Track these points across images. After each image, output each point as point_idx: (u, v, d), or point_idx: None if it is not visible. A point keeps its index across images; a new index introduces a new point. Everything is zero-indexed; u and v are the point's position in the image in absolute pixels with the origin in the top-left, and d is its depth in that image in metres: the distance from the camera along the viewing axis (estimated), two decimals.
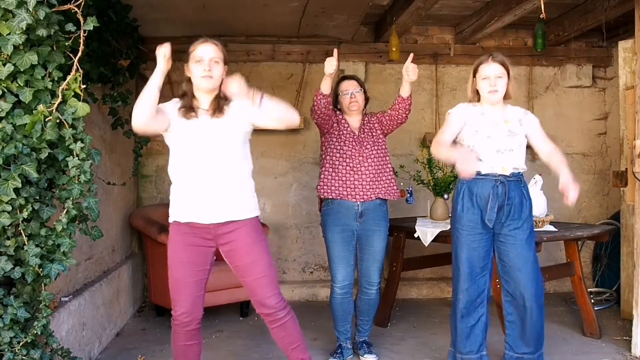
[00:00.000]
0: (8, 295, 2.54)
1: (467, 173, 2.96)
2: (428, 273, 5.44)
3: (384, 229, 3.59)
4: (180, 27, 4.79)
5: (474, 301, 3.20)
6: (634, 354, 3.67)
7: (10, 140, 2.46)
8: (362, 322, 3.72)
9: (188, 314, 2.74)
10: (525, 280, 3.13)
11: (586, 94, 5.63)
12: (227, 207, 2.72)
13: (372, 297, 3.63)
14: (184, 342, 2.79)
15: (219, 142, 2.73)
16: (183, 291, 2.75)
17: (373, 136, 3.58)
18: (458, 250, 3.21)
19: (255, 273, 2.77)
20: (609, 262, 5.13)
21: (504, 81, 3.09)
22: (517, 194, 3.13)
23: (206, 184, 2.71)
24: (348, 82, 3.62)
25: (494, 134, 3.12)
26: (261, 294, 2.79)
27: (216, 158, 2.72)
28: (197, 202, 2.72)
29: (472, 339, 3.23)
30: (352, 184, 3.50)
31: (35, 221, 2.56)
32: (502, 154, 3.11)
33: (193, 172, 2.73)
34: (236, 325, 4.46)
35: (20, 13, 2.39)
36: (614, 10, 4.24)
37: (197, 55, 2.78)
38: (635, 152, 3.64)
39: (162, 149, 5.28)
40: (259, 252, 2.77)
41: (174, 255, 2.76)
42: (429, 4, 4.16)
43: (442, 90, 5.51)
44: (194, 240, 2.74)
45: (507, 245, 3.14)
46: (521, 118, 3.19)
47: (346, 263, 3.52)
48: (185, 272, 2.74)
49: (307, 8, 4.26)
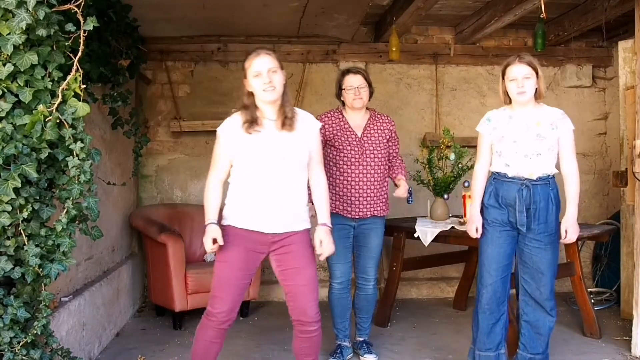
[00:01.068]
0: (8, 295, 2.54)
1: (471, 234, 3.20)
2: (428, 273, 5.44)
3: (381, 227, 3.61)
4: (180, 27, 4.80)
5: (498, 298, 3.20)
6: (634, 354, 3.67)
7: (10, 140, 2.45)
8: (362, 320, 3.72)
9: (227, 314, 2.78)
10: (546, 283, 3.16)
11: (586, 94, 5.63)
12: (288, 218, 2.76)
13: (370, 293, 3.64)
14: (211, 339, 2.81)
15: (287, 155, 2.75)
16: (228, 291, 2.77)
17: (378, 138, 3.55)
18: (484, 246, 3.22)
19: (302, 280, 2.81)
20: (609, 262, 5.13)
21: (532, 82, 3.07)
22: (543, 198, 3.10)
23: (270, 195, 2.72)
24: (353, 77, 3.54)
25: (520, 139, 3.10)
26: (303, 301, 2.82)
27: (283, 170, 2.74)
28: (259, 211, 2.73)
29: (492, 336, 3.23)
30: (349, 200, 3.49)
31: (35, 221, 2.56)
32: (529, 159, 3.09)
33: (258, 181, 2.73)
34: (236, 325, 4.42)
35: (20, 13, 2.39)
36: (614, 10, 4.24)
37: (254, 70, 2.75)
38: (635, 152, 3.64)
39: (162, 149, 5.31)
40: (309, 261, 2.83)
41: (226, 254, 2.76)
42: (429, 4, 4.16)
43: (442, 90, 5.51)
44: (248, 245, 2.76)
45: (532, 248, 3.14)
46: (555, 121, 3.13)
47: (344, 260, 3.55)
48: (236, 274, 2.76)
49: (307, 8, 4.26)
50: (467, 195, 4.33)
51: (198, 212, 4.94)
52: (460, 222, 4.20)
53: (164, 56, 5.19)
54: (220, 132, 2.81)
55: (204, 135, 5.20)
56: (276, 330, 4.22)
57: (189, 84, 5.30)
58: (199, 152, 5.29)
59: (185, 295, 4.26)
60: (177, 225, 4.76)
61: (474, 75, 5.53)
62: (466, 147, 4.55)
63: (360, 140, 3.52)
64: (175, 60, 5.29)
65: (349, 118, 3.57)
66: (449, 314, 4.81)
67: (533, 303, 3.22)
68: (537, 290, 3.18)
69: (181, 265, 4.25)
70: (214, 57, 5.25)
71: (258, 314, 4.73)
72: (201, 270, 4.30)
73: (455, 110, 5.56)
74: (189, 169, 5.32)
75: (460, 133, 5.31)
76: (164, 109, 5.29)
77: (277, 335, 4.09)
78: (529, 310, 3.25)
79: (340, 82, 3.57)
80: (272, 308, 4.91)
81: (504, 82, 3.15)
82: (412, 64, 5.46)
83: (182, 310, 4.27)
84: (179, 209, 4.99)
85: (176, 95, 5.28)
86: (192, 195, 5.30)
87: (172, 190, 5.32)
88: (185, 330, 4.25)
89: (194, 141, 5.30)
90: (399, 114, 5.31)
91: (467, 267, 4.87)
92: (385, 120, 3.64)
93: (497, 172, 3.19)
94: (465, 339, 4.06)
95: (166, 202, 5.26)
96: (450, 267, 5.37)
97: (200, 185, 5.32)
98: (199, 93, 5.30)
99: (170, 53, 5.20)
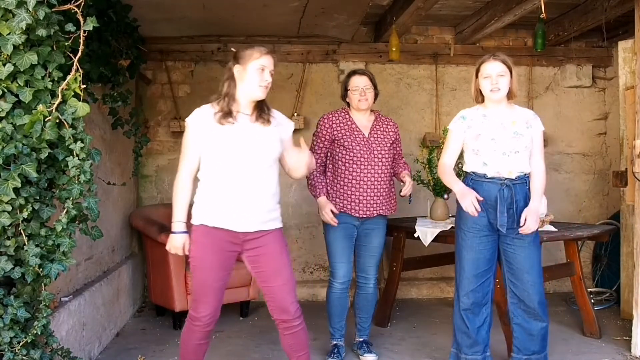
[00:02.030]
0: (8, 295, 2.54)
1: (469, 210, 3.01)
2: (428, 273, 5.44)
3: (383, 227, 3.63)
4: (180, 27, 4.80)
5: (480, 302, 3.19)
6: (634, 354, 3.67)
7: (10, 140, 2.45)
8: (361, 320, 3.72)
9: (211, 316, 2.77)
10: (532, 282, 3.13)
11: (586, 94, 5.63)
12: (259, 216, 2.73)
13: (370, 292, 3.64)
14: (198, 341, 2.81)
15: (259, 150, 2.72)
16: (210, 294, 2.76)
17: (384, 139, 3.56)
18: (463, 252, 3.19)
19: (280, 280, 2.79)
20: (609, 262, 5.14)
21: (506, 80, 3.07)
22: (522, 197, 3.11)
23: (241, 191, 2.69)
24: (359, 78, 3.55)
25: (498, 136, 3.09)
26: (283, 300, 2.81)
27: (254, 165, 2.70)
28: (230, 208, 2.70)
29: (478, 338, 3.21)
30: (357, 199, 3.50)
31: (35, 221, 2.56)
32: (507, 157, 3.08)
33: (229, 177, 2.69)
34: (236, 325, 4.46)
35: (20, 13, 2.39)
36: (614, 10, 4.24)
37: (260, 64, 2.71)
38: (635, 152, 3.64)
39: (162, 149, 5.31)
40: (284, 260, 2.81)
41: (202, 258, 2.74)
42: (429, 4, 4.16)
43: (442, 90, 5.51)
44: (222, 245, 2.74)
45: (515, 247, 3.12)
46: (529, 120, 3.15)
47: (347, 259, 3.55)
48: (215, 275, 2.75)
49: (307, 8, 4.26)
50: None
51: None
52: None
53: (164, 56, 5.19)
54: (190, 122, 2.76)
55: None
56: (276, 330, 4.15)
57: (189, 84, 5.31)
58: None
59: (185, 295, 4.26)
60: None
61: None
62: None
63: (368, 140, 3.53)
64: (175, 60, 5.29)
65: (355, 119, 3.58)
66: (449, 314, 4.78)
67: (523, 306, 3.18)
68: (525, 291, 3.14)
69: (181, 265, 4.25)
70: (214, 57, 5.25)
71: (258, 314, 4.73)
72: None
73: (455, 110, 5.49)
74: None
75: None
76: (164, 109, 5.29)
77: (277, 335, 4.01)
78: (518, 313, 3.21)
79: (346, 83, 3.58)
80: None
81: (477, 80, 3.16)
82: (412, 64, 5.45)
83: (182, 310, 4.27)
84: None
85: (176, 95, 5.28)
86: (192, 195, 5.29)
87: (172, 190, 5.29)
88: None
89: None
90: (399, 114, 5.31)
91: None
92: (390, 122, 3.68)
93: (474, 172, 3.15)
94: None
95: (166, 202, 5.25)
96: (450, 267, 5.32)
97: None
98: (199, 93, 5.29)
99: (170, 53, 5.20)
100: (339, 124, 3.54)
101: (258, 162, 2.71)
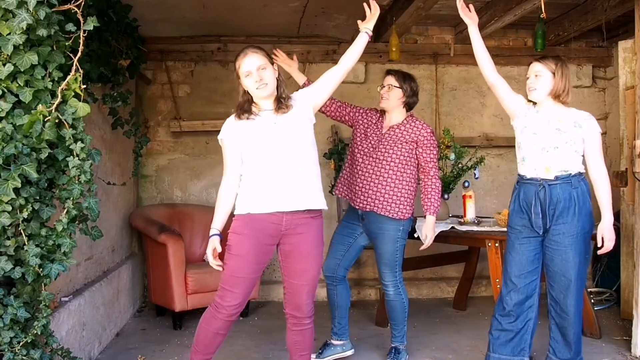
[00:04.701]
0: (8, 295, 2.54)
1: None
2: (428, 273, 5.44)
3: (389, 232, 3.52)
4: (180, 27, 4.80)
5: (522, 304, 3.18)
6: (634, 354, 3.67)
7: (10, 140, 2.45)
8: (391, 327, 3.72)
9: (237, 307, 2.79)
10: (569, 286, 3.09)
11: (586, 94, 5.63)
12: (303, 192, 2.77)
13: (390, 299, 3.63)
14: (217, 330, 2.81)
15: (289, 134, 2.77)
16: (241, 285, 2.78)
17: (400, 138, 3.48)
18: (507, 252, 3.24)
19: (303, 280, 2.85)
20: (609, 262, 5.13)
21: (543, 80, 3.10)
22: (563, 198, 3.05)
23: (283, 176, 2.74)
24: (386, 77, 3.59)
25: (540, 131, 3.10)
26: (300, 298, 2.86)
27: (289, 149, 2.76)
28: (275, 191, 2.74)
29: (517, 341, 3.20)
30: (355, 188, 3.53)
31: (35, 221, 2.56)
32: (546, 152, 3.07)
33: (266, 165, 2.76)
34: (236, 325, 4.44)
35: (21, 13, 2.39)
36: (614, 10, 4.24)
37: (244, 70, 2.78)
38: (635, 152, 3.64)
39: (162, 149, 5.31)
40: (313, 262, 2.86)
41: (241, 249, 2.76)
42: (429, 4, 4.16)
43: (442, 90, 5.51)
44: (261, 238, 2.76)
45: (552, 250, 3.11)
46: (579, 120, 3.07)
47: (334, 255, 3.62)
48: (247, 267, 2.77)
49: (307, 8, 4.27)
50: (467, 196, 4.34)
51: (198, 212, 4.95)
52: (460, 222, 4.20)
53: (164, 56, 5.19)
54: (222, 136, 2.85)
55: (204, 135, 5.20)
56: (276, 330, 4.21)
57: (189, 84, 5.31)
58: (199, 152, 5.29)
59: (185, 295, 4.26)
60: (177, 225, 4.76)
61: (474, 76, 5.52)
62: (466, 147, 4.54)
63: (381, 135, 3.52)
64: (175, 60, 5.29)
65: (385, 117, 3.60)
66: (449, 314, 4.81)
67: (559, 308, 3.16)
68: (561, 294, 3.12)
69: (181, 265, 4.25)
70: (214, 57, 5.25)
71: (258, 314, 4.73)
72: (201, 270, 4.30)
73: (455, 110, 5.56)
74: (189, 169, 5.32)
75: (460, 133, 5.32)
76: (164, 109, 5.29)
77: (277, 335, 4.09)
78: (555, 314, 3.19)
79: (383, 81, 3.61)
80: (272, 308, 4.91)
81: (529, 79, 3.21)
82: (412, 64, 5.45)
83: (182, 310, 4.27)
84: (179, 209, 4.99)
85: (176, 95, 5.28)
86: (192, 195, 5.30)
87: (172, 190, 5.32)
88: (185, 330, 4.25)
89: (194, 141, 5.30)
90: None
91: (467, 267, 4.87)
92: (419, 125, 3.53)
93: (519, 175, 3.20)
94: (465, 339, 4.07)
95: (166, 202, 5.26)
96: (450, 267, 5.37)
97: (200, 185, 5.32)
98: (199, 93, 5.30)
99: (170, 53, 5.20)
100: (369, 118, 3.60)
101: (290, 147, 2.76)
